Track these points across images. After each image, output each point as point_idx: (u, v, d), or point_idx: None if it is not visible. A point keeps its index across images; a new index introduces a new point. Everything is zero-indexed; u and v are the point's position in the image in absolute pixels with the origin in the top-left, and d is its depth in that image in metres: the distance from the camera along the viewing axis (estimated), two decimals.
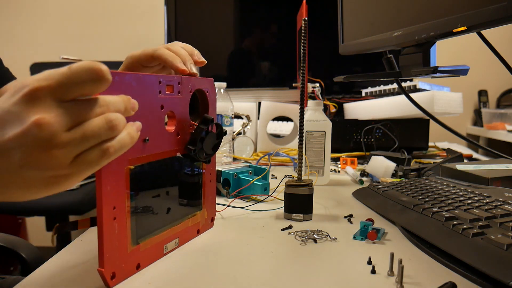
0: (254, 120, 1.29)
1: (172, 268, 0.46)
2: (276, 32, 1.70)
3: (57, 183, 0.35)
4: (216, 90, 0.85)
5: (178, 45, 0.58)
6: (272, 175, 0.97)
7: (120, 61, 0.60)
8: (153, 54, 0.57)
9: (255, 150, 1.27)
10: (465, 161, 0.97)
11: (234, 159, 1.15)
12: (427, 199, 0.61)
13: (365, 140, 1.25)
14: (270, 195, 0.76)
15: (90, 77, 0.33)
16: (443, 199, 0.60)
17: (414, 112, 1.15)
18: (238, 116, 1.30)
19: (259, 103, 1.31)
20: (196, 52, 0.59)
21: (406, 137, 1.25)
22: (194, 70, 0.56)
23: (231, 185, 0.77)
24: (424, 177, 0.82)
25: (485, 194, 0.58)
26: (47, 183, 0.35)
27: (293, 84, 1.31)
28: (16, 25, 2.23)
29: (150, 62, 0.59)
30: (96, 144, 0.35)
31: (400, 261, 0.41)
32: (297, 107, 1.25)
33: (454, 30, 0.61)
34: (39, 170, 0.33)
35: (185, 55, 0.57)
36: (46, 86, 0.32)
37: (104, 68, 0.33)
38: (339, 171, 1.06)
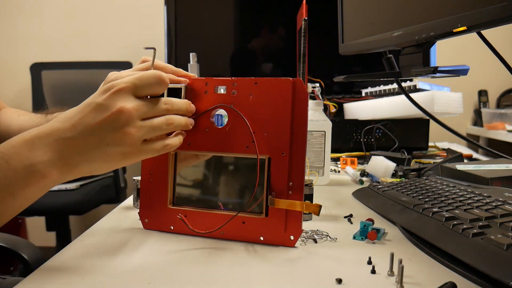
0: None
1: (175, 268, 0.46)
2: (276, 32, 1.70)
3: (129, 158, 0.47)
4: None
5: (164, 67, 0.59)
6: None
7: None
8: None
9: None
10: (465, 161, 0.97)
11: None
12: (427, 199, 0.61)
13: (365, 140, 1.25)
14: None
15: (155, 81, 0.48)
16: (443, 199, 0.60)
17: (414, 112, 1.15)
18: None
19: None
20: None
21: (406, 137, 1.25)
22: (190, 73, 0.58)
23: None
24: (424, 177, 0.82)
25: (485, 194, 0.58)
26: (122, 157, 0.47)
27: None
28: (16, 25, 2.23)
29: None
30: (160, 138, 0.50)
31: (400, 261, 0.41)
32: None
33: (454, 30, 0.60)
34: (119, 146, 0.46)
35: (169, 66, 0.58)
36: (126, 87, 0.46)
37: (164, 75, 0.49)
38: (339, 171, 1.06)
